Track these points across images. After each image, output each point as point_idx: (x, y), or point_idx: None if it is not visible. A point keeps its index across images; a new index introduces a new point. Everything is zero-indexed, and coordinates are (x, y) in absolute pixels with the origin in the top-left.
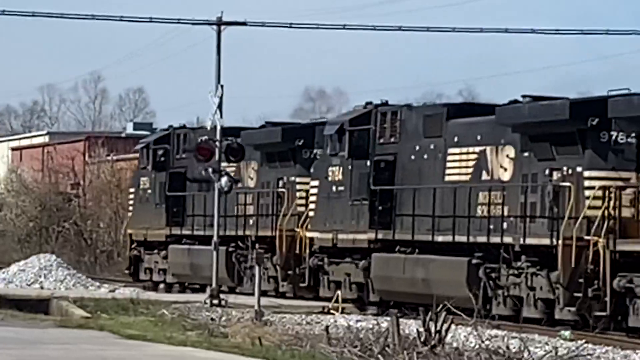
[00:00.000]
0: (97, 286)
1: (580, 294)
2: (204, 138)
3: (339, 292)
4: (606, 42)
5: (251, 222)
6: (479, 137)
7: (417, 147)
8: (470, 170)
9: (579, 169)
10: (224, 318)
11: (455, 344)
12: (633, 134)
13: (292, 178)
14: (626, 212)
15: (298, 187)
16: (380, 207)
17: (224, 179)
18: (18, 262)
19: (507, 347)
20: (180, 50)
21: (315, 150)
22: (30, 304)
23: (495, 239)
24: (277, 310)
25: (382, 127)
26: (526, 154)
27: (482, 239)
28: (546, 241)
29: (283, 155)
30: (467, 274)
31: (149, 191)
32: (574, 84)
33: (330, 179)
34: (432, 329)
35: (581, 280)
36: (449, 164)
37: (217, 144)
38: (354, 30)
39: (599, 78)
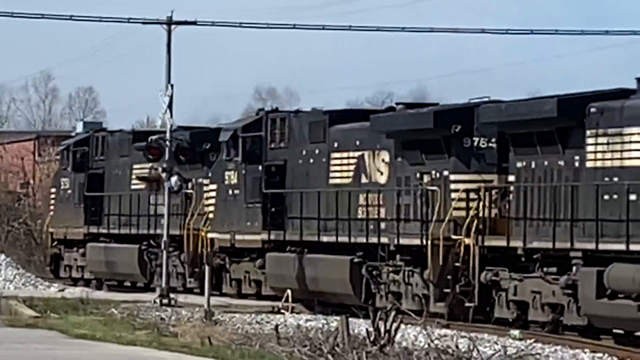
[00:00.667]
0: (47, 286)
1: (449, 290)
2: (154, 137)
3: (288, 291)
4: (555, 42)
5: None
6: (357, 143)
7: (304, 152)
8: (351, 174)
9: (445, 173)
10: (173, 317)
11: (404, 344)
12: (494, 139)
13: (200, 180)
14: (493, 212)
15: (205, 188)
16: (272, 210)
17: (174, 179)
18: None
19: (457, 347)
20: (131, 50)
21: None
22: None
23: (373, 240)
24: (226, 310)
25: (273, 133)
26: (399, 159)
27: (361, 239)
28: (417, 241)
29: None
30: (350, 271)
31: (69, 191)
32: (523, 83)
33: (226, 182)
34: (382, 329)
35: (449, 277)
36: (332, 168)
37: (167, 143)
38: (305, 30)
39: (548, 78)
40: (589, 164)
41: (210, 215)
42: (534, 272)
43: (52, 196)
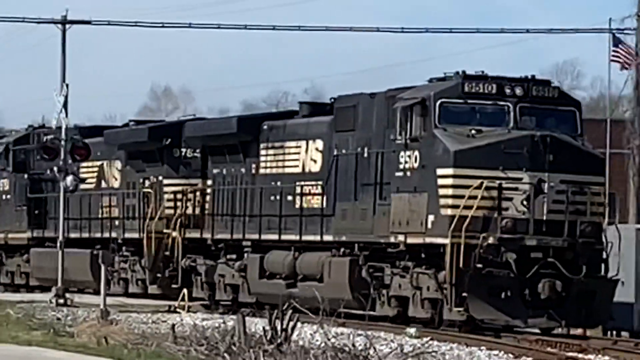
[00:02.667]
0: None
1: (160, 274)
2: (49, 137)
3: (184, 290)
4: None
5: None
6: (99, 154)
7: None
8: (94, 180)
9: (160, 178)
10: (70, 317)
11: (301, 342)
12: (198, 150)
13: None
14: (196, 210)
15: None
16: (36, 212)
17: (69, 178)
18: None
19: (353, 345)
20: (25, 48)
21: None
22: None
23: (106, 234)
24: (123, 309)
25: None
26: (128, 167)
27: (98, 234)
28: (137, 235)
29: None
30: (91, 261)
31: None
32: (419, 81)
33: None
34: (278, 327)
35: (161, 263)
36: (81, 176)
37: (63, 143)
38: (200, 29)
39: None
40: (261, 171)
41: None
42: (221, 258)
43: None
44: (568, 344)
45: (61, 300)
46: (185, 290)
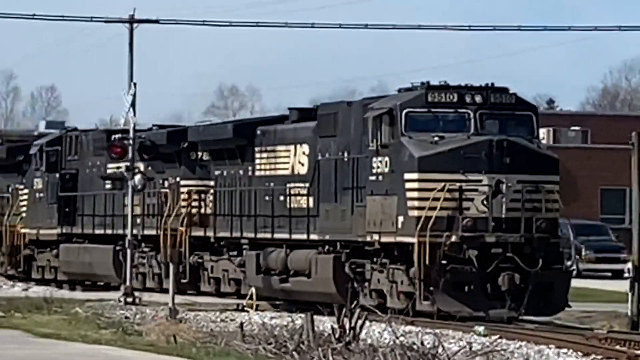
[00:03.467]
0: (11, 285)
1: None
2: (117, 136)
3: (252, 289)
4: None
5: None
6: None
7: (90, 164)
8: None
9: (177, 179)
10: (138, 316)
11: (369, 341)
12: (207, 153)
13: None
14: (201, 209)
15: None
16: (66, 209)
17: (137, 177)
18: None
19: (422, 343)
20: (93, 48)
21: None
22: None
23: (125, 231)
24: (191, 308)
25: (74, 149)
26: (149, 168)
27: (120, 231)
28: (154, 232)
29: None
30: (113, 256)
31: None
32: (486, 79)
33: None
34: (347, 326)
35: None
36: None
37: (131, 142)
38: (267, 27)
39: (506, 74)
40: (257, 173)
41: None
42: (224, 255)
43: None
44: (637, 342)
45: (129, 299)
46: (253, 289)
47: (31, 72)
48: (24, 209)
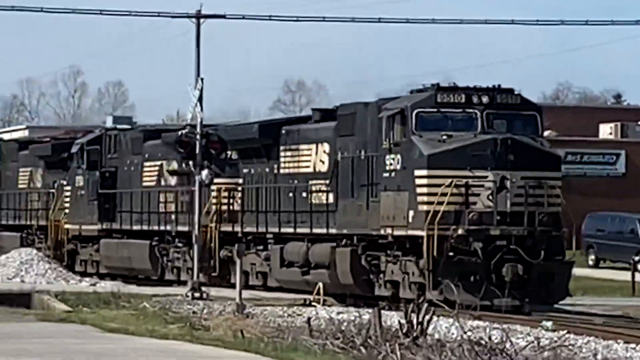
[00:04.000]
0: (79, 280)
1: (206, 264)
2: (184, 132)
3: (320, 284)
4: (584, 34)
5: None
6: (159, 154)
7: (128, 162)
8: (154, 178)
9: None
10: (205, 311)
11: (437, 336)
12: (236, 152)
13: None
14: (230, 206)
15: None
16: (106, 206)
17: (205, 172)
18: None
19: (489, 338)
20: (160, 43)
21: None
22: (11, 298)
23: (162, 227)
24: (258, 303)
25: (115, 148)
26: (182, 166)
27: (156, 227)
28: (186, 228)
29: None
30: (149, 251)
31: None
32: (552, 74)
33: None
34: (414, 321)
35: (207, 254)
36: (144, 174)
37: (198, 137)
38: (334, 22)
39: (573, 68)
40: (281, 171)
41: (67, 210)
42: (251, 249)
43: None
44: None
45: (197, 294)
46: (320, 284)
47: (98, 67)
48: (67, 205)
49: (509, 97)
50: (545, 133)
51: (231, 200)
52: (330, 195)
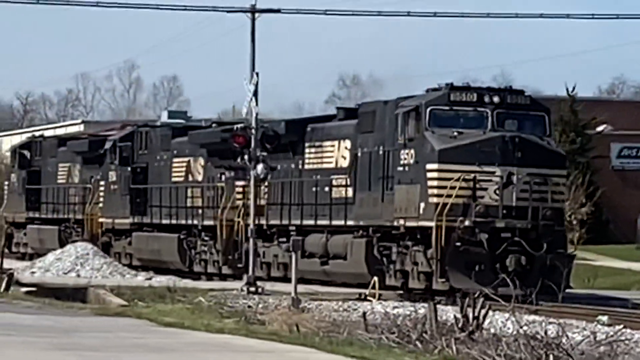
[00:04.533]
0: (134, 274)
1: (230, 256)
2: (239, 126)
3: (375, 278)
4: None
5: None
6: (187, 151)
7: (158, 157)
8: (183, 174)
9: (233, 173)
10: (260, 305)
11: (492, 330)
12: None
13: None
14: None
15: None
16: (137, 200)
17: (260, 166)
18: (54, 250)
19: (545, 333)
20: (215, 38)
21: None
22: (67, 292)
23: (189, 222)
24: (313, 297)
25: (140, 143)
26: (209, 163)
27: (183, 221)
28: (211, 222)
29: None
30: (178, 244)
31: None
32: (605, 68)
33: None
34: (470, 315)
35: (231, 247)
36: (173, 170)
37: (253, 132)
38: (389, 17)
39: (629, 63)
40: (306, 166)
41: (101, 205)
42: (274, 241)
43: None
44: None
45: (252, 289)
46: (375, 278)
47: (153, 62)
48: (102, 199)
49: (519, 97)
50: (600, 127)
51: (256, 195)
52: (349, 189)
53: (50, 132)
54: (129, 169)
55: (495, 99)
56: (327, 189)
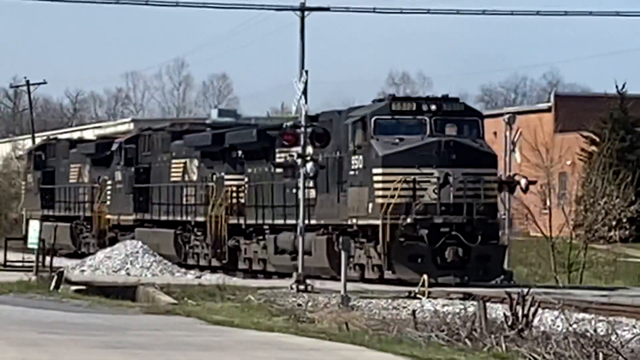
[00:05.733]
0: (183, 272)
1: (219, 250)
2: (288, 124)
3: (424, 276)
4: None
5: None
6: (184, 153)
7: (159, 159)
8: (180, 174)
9: (222, 174)
10: (310, 303)
11: (542, 328)
12: (240, 151)
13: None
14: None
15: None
16: (140, 198)
17: (309, 165)
18: (104, 249)
19: (595, 331)
20: (264, 36)
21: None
22: (117, 290)
23: (184, 218)
24: (363, 295)
25: (143, 145)
26: (202, 164)
27: (178, 217)
28: (202, 219)
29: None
30: (174, 239)
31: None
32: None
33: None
34: (520, 313)
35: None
36: (172, 170)
37: (303, 129)
38: (440, 14)
39: None
40: (277, 170)
41: (108, 202)
42: (253, 239)
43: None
44: None
45: (302, 287)
46: (425, 276)
47: (203, 60)
48: (109, 197)
49: (454, 105)
50: None
51: (239, 196)
52: (313, 191)
53: (100, 130)
54: (133, 169)
55: (433, 107)
56: (294, 190)
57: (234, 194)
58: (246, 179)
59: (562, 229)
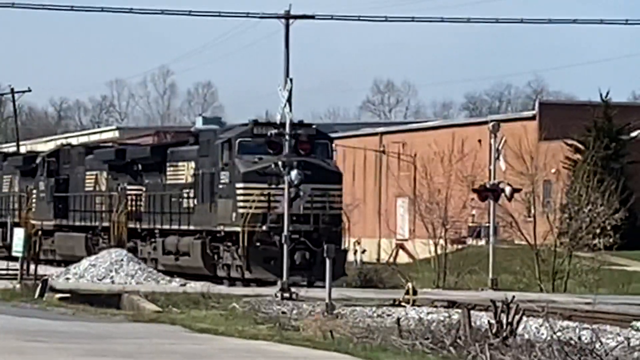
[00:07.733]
0: (168, 280)
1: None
2: (273, 132)
3: (409, 284)
4: None
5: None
6: (95, 166)
7: (75, 171)
8: (92, 185)
9: (125, 184)
10: (294, 311)
11: (526, 336)
12: (140, 165)
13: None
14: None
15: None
16: (60, 206)
17: (294, 172)
18: (89, 257)
19: (579, 339)
20: (249, 44)
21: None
22: (101, 298)
23: (94, 223)
24: (348, 303)
25: (67, 160)
26: (110, 177)
27: (89, 223)
28: (107, 224)
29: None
30: (85, 242)
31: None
32: (638, 74)
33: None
34: (504, 321)
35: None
36: (86, 182)
37: (287, 138)
38: (424, 22)
39: None
40: (167, 182)
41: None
42: (147, 241)
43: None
44: None
45: (286, 294)
46: (410, 284)
47: (188, 68)
48: (34, 205)
49: (309, 129)
50: (635, 133)
51: (138, 203)
52: (193, 201)
53: (84, 138)
54: (54, 180)
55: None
56: (180, 200)
57: (134, 202)
58: (144, 189)
59: (546, 237)
